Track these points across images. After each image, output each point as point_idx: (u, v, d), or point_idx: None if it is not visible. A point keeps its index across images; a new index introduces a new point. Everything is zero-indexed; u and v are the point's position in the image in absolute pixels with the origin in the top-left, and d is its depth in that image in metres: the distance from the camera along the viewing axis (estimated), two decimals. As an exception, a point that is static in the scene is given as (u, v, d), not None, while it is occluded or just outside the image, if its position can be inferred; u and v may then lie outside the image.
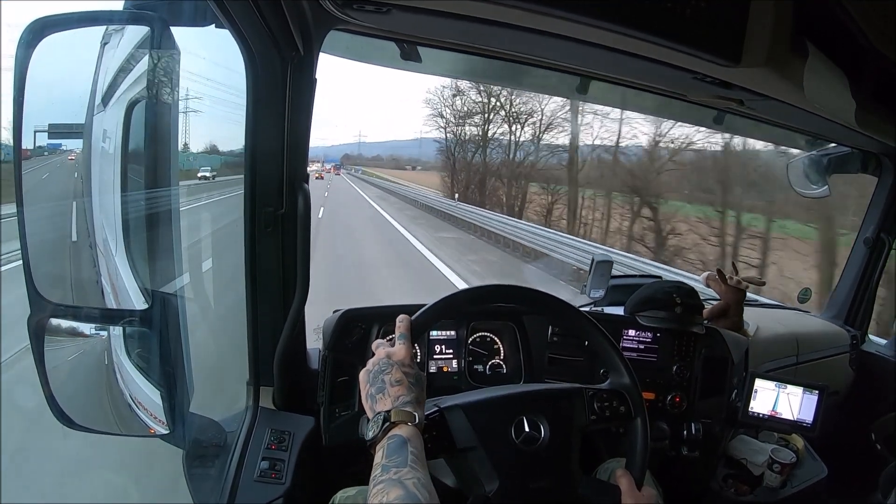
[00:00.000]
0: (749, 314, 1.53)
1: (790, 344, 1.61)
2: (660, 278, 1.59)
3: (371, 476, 0.64)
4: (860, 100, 0.88)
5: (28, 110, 0.62)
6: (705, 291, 1.49)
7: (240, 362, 1.08)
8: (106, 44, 0.72)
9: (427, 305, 0.83)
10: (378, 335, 1.16)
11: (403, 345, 0.76)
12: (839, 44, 0.83)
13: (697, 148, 11.55)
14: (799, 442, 1.45)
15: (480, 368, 1.28)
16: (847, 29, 0.81)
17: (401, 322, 0.79)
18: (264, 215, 0.99)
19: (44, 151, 0.69)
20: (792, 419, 1.31)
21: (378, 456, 0.65)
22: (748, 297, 1.52)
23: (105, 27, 0.72)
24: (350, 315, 1.18)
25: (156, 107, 0.68)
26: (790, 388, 1.30)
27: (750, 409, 1.31)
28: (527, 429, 0.78)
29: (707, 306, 1.45)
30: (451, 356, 1.27)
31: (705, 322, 1.37)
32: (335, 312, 1.20)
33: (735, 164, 10.50)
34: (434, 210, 16.12)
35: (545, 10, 0.68)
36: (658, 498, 0.85)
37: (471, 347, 1.29)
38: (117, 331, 0.75)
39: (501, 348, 1.31)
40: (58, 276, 0.76)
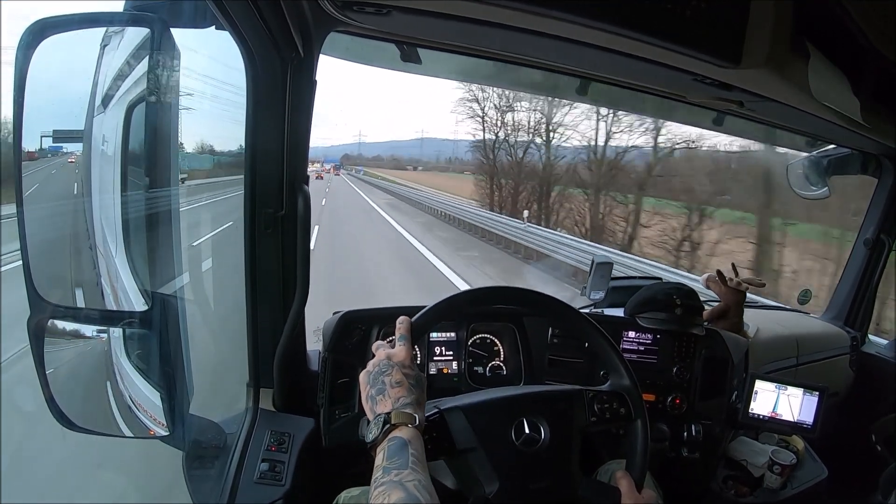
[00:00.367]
0: (749, 315, 1.53)
1: (790, 345, 1.61)
2: (660, 280, 1.59)
3: (372, 478, 0.64)
4: (860, 100, 0.88)
5: (28, 111, 0.62)
6: (705, 293, 1.49)
7: (240, 364, 1.08)
8: (106, 45, 0.71)
9: (427, 307, 0.83)
10: (378, 337, 1.16)
11: (404, 346, 0.76)
12: (839, 44, 0.83)
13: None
14: (799, 443, 1.45)
15: (480, 370, 1.28)
16: (847, 29, 0.81)
17: (401, 324, 0.79)
18: (264, 216, 0.99)
19: (47, 153, 0.69)
20: (792, 420, 1.30)
21: (379, 458, 0.65)
22: (748, 299, 1.52)
23: (105, 29, 0.72)
24: (350, 317, 1.18)
25: (156, 108, 0.68)
26: (790, 390, 1.30)
27: (750, 411, 1.31)
28: (527, 430, 0.78)
29: (707, 308, 1.45)
30: (451, 358, 1.27)
31: (705, 323, 1.37)
32: (335, 314, 1.20)
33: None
34: (480, 230, 11.26)
35: (545, 12, 0.68)
36: (658, 499, 0.85)
37: (471, 349, 1.28)
38: (117, 332, 0.75)
39: (501, 350, 1.30)
40: (58, 277, 0.76)
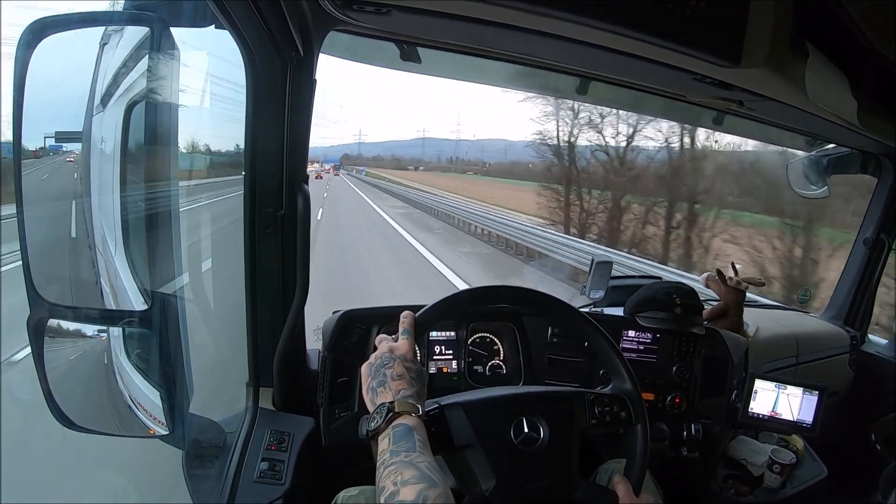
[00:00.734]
0: (749, 315, 1.53)
1: (790, 344, 1.61)
2: (659, 279, 1.59)
3: (378, 462, 0.63)
4: (860, 100, 0.88)
5: (28, 111, 0.62)
6: (705, 292, 1.49)
7: (239, 363, 1.08)
8: (105, 44, 0.71)
9: (430, 304, 0.83)
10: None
11: (406, 340, 0.76)
12: (839, 44, 0.83)
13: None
14: (799, 442, 1.45)
15: (480, 369, 1.28)
16: (847, 29, 0.81)
17: (405, 318, 0.79)
18: (264, 216, 0.99)
19: (48, 152, 0.70)
20: (792, 420, 1.30)
21: (384, 443, 0.65)
22: (748, 298, 1.52)
23: (104, 28, 0.72)
24: (350, 316, 1.18)
25: (155, 107, 0.68)
26: (790, 389, 1.30)
27: (750, 410, 1.31)
28: (526, 429, 0.78)
29: (707, 307, 1.45)
30: (451, 357, 1.27)
31: (705, 323, 1.37)
32: (335, 313, 1.20)
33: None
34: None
35: (544, 11, 0.68)
36: (657, 501, 0.85)
37: (470, 348, 1.28)
38: (117, 331, 0.75)
39: (501, 349, 1.30)
40: (57, 277, 0.76)
